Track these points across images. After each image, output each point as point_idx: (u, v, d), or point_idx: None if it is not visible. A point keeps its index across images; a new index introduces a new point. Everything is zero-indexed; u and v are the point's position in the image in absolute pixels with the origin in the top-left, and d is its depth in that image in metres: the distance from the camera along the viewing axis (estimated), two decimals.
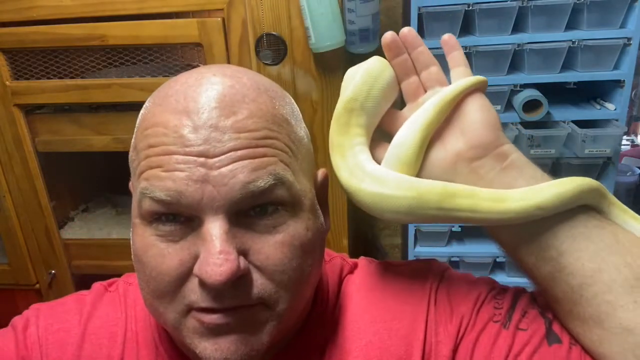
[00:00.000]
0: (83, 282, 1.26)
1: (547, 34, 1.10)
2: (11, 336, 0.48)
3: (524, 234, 0.42)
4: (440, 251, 1.31)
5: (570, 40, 1.08)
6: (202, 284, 0.37)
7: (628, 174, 2.08)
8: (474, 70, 1.24)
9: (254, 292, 0.38)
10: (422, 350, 0.44)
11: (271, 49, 0.99)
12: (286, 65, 1.01)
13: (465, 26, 1.14)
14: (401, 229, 1.51)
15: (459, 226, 1.28)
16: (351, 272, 0.52)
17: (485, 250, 1.30)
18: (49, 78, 1.09)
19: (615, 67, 1.11)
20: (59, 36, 1.03)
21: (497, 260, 1.30)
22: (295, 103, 0.46)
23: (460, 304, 0.45)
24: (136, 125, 0.42)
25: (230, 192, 0.36)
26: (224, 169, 0.36)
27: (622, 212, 0.44)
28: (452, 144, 0.46)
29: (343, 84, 0.49)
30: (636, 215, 0.44)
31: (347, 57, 1.02)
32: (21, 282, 1.25)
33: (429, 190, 0.42)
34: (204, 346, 0.38)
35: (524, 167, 0.44)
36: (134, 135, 0.42)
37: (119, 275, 0.56)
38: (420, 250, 1.31)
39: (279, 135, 0.39)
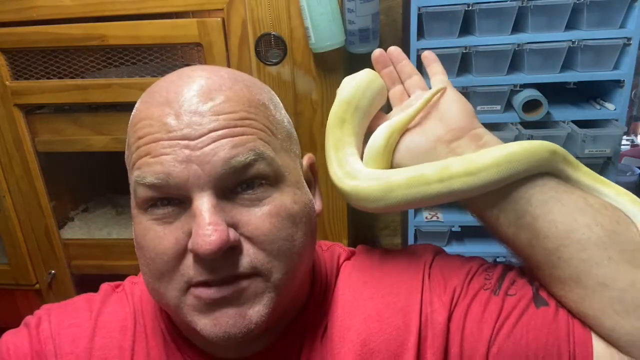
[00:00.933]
0: (83, 282, 1.26)
1: (547, 34, 1.10)
2: (25, 333, 0.50)
3: (501, 204, 0.46)
4: None
5: (570, 40, 1.08)
6: (197, 257, 0.39)
7: (628, 174, 2.08)
8: (474, 70, 1.24)
9: (246, 261, 0.40)
10: (419, 320, 0.47)
11: (271, 49, 1.00)
12: (286, 65, 1.01)
13: (465, 26, 1.14)
14: (401, 229, 1.51)
15: (459, 226, 1.28)
16: (348, 258, 0.55)
17: (485, 250, 1.29)
18: (49, 78, 1.09)
19: (615, 67, 1.11)
20: (58, 36, 1.03)
21: (497, 260, 1.29)
22: (276, 96, 0.49)
23: (453, 276, 0.48)
24: (128, 125, 0.45)
25: (214, 168, 0.39)
26: (206, 149, 0.39)
27: (589, 178, 0.47)
28: (432, 130, 0.51)
29: (339, 90, 0.55)
30: (603, 178, 0.47)
31: (347, 57, 1.02)
32: (21, 282, 1.25)
33: (425, 168, 0.47)
34: (204, 323, 0.40)
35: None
36: (127, 135, 0.44)
37: (119, 275, 0.57)
38: None
39: (257, 117, 0.42)
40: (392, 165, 0.52)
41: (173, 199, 0.40)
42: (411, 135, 0.52)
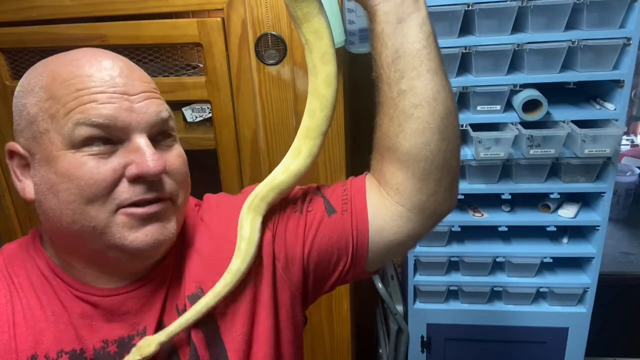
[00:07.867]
0: None
1: (547, 33, 1.10)
2: None
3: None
4: (440, 251, 1.31)
5: (570, 40, 1.08)
6: (137, 180, 0.51)
7: (628, 174, 2.08)
8: (474, 70, 1.23)
9: (166, 187, 0.54)
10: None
11: (271, 49, 1.00)
12: (286, 65, 1.01)
13: (465, 26, 1.14)
14: None
15: (459, 226, 1.28)
16: (199, 204, 0.67)
17: (485, 250, 1.30)
18: None
19: (615, 67, 1.11)
20: (59, 36, 1.03)
21: (497, 260, 1.30)
22: None
23: (276, 206, 0.64)
24: (35, 87, 0.52)
25: (149, 118, 0.52)
26: (141, 103, 0.52)
27: None
28: None
29: None
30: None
31: (347, 57, 1.03)
32: None
33: None
34: (135, 236, 0.52)
35: None
36: (39, 93, 0.51)
37: None
38: (420, 250, 1.31)
39: (157, 90, 0.57)
40: None
41: (109, 139, 0.50)
42: None
